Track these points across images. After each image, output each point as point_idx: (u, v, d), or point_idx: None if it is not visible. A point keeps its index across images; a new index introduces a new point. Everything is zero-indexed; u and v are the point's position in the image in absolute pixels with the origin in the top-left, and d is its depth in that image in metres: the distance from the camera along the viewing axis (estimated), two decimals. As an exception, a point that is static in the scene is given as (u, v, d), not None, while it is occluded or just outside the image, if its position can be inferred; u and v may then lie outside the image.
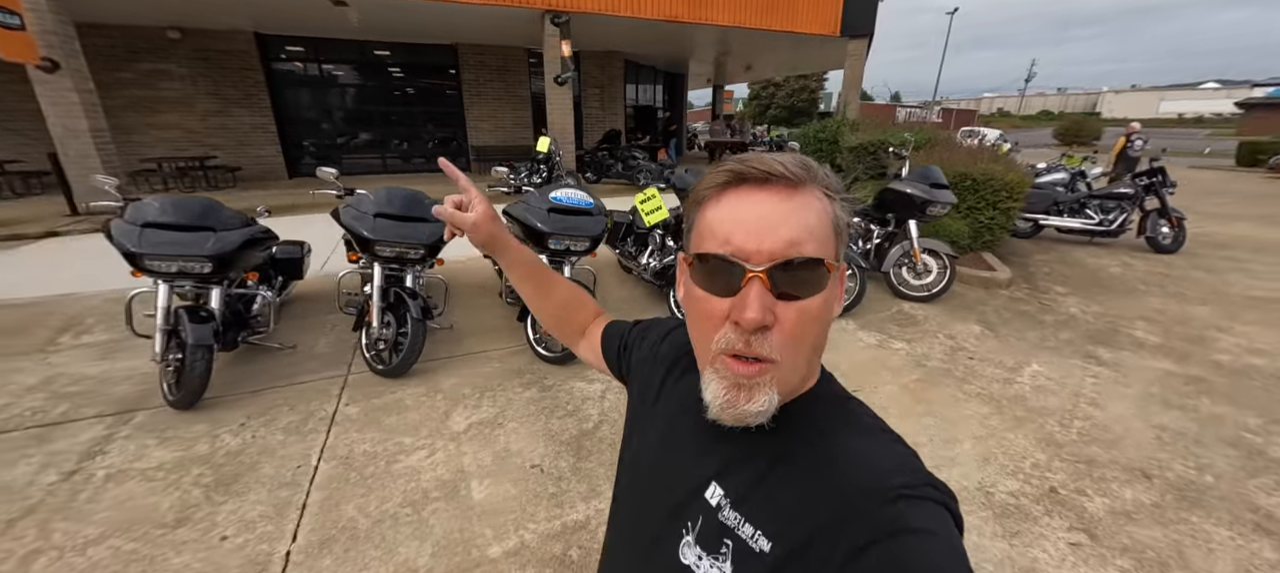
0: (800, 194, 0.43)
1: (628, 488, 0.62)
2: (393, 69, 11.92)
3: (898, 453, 0.46)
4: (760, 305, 0.41)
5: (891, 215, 4.17)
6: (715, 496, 0.49)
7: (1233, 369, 3.12)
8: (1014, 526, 1.90)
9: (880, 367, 3.09)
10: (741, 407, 0.44)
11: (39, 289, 4.27)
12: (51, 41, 6.32)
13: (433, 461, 2.22)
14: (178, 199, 2.58)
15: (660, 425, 0.60)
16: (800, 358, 0.45)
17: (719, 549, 0.46)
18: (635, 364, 0.70)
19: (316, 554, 1.76)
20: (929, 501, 0.41)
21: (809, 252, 0.42)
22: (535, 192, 3.13)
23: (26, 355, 3.16)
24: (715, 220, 0.45)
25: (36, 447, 2.30)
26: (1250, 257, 5.71)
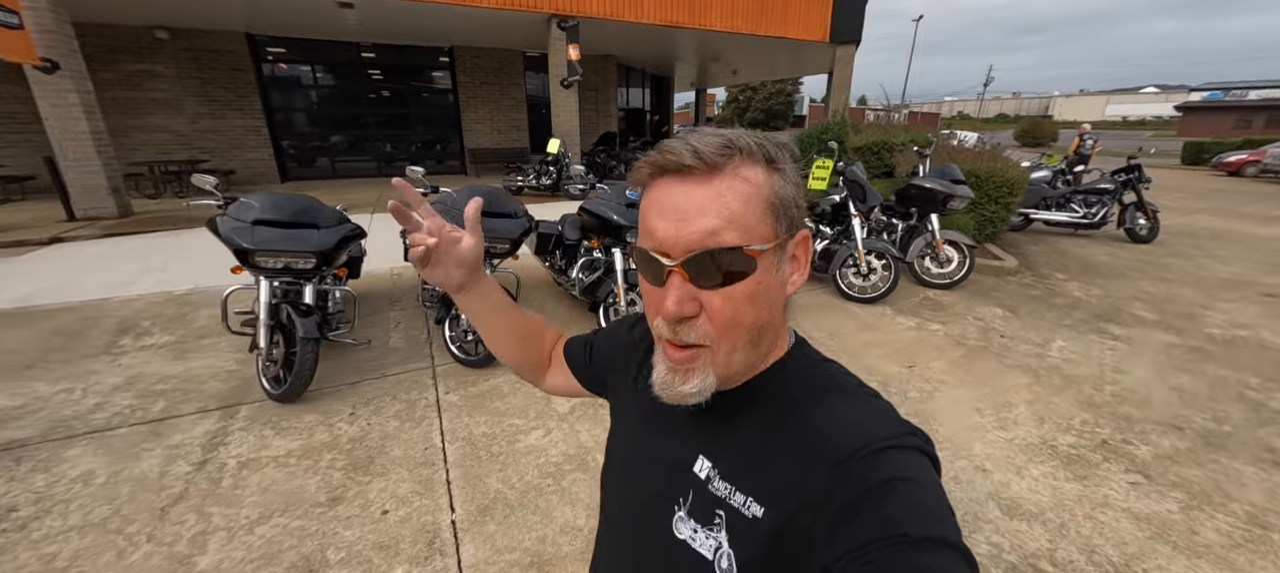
0: (721, 179, 0.42)
1: (616, 473, 0.62)
2: (388, 71, 11.79)
3: (876, 408, 0.47)
4: (677, 298, 0.42)
5: (914, 210, 4.50)
6: (703, 468, 0.50)
7: (1224, 340, 3.54)
8: (1081, 471, 2.19)
9: (925, 346, 3.39)
10: (677, 387, 0.46)
11: (70, 295, 4.19)
12: (50, 41, 6.11)
13: (551, 439, 2.37)
14: (279, 197, 2.65)
15: (644, 407, 0.59)
16: (738, 340, 0.45)
17: (712, 520, 0.47)
18: (606, 360, 0.70)
19: (479, 521, 1.90)
20: (909, 448, 0.42)
21: (728, 240, 0.41)
22: (608, 188, 3.31)
23: (94, 358, 3.14)
24: (646, 211, 0.45)
25: (154, 441, 2.34)
26: (1213, 244, 6.32)
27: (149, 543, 1.79)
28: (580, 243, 3.70)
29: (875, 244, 4.04)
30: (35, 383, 2.84)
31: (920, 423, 2.30)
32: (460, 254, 0.64)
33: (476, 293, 0.69)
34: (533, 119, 13.25)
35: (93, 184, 6.70)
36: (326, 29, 9.85)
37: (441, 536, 1.83)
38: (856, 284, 4.09)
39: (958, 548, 0.37)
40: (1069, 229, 6.70)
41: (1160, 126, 48.80)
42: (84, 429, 2.42)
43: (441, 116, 12.48)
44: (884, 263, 4.03)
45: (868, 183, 4.06)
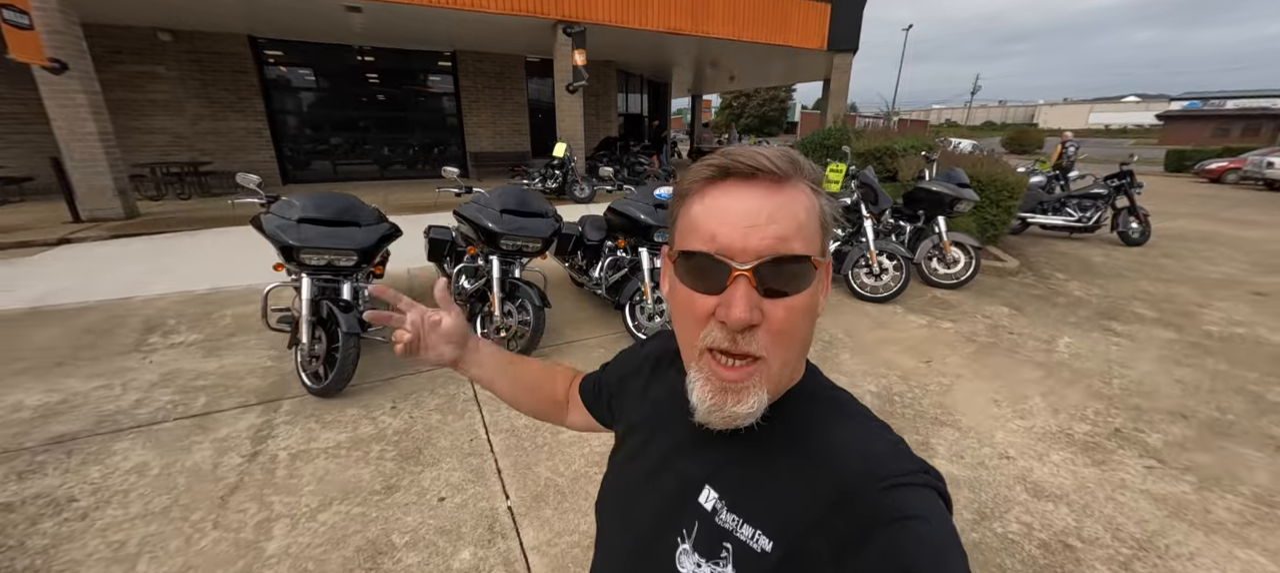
0: (787, 188, 0.42)
1: (615, 501, 0.60)
2: (391, 75, 11.83)
3: (888, 441, 0.46)
4: (747, 304, 0.41)
5: (921, 212, 4.64)
6: (710, 499, 0.48)
7: (1222, 336, 3.71)
8: (1099, 457, 2.31)
9: (938, 343, 3.51)
10: (729, 408, 0.44)
11: (90, 294, 4.20)
12: (59, 42, 6.10)
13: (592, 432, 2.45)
14: (322, 196, 2.71)
15: (647, 432, 0.58)
16: (789, 354, 0.45)
17: (719, 554, 0.45)
18: (616, 386, 0.69)
19: (535, 506, 1.97)
20: (921, 486, 0.42)
21: (796, 248, 0.41)
22: (635, 190, 3.40)
23: (125, 355, 3.17)
24: (701, 216, 0.44)
25: (201, 435, 2.39)
26: (1202, 246, 6.56)
27: (215, 529, 1.84)
28: (603, 243, 3.76)
29: (887, 245, 4.17)
30: (69, 379, 2.87)
31: (940, 415, 2.44)
32: (445, 332, 0.66)
33: (473, 362, 0.72)
34: (534, 123, 13.34)
35: (99, 185, 6.67)
36: (331, 32, 9.89)
37: (500, 520, 1.90)
38: (869, 284, 4.22)
39: None
40: (1064, 232, 6.91)
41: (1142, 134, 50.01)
42: (130, 424, 2.46)
43: (443, 120, 12.53)
44: (895, 263, 4.16)
45: (880, 186, 4.20)
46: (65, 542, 1.78)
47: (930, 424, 2.55)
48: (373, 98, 11.89)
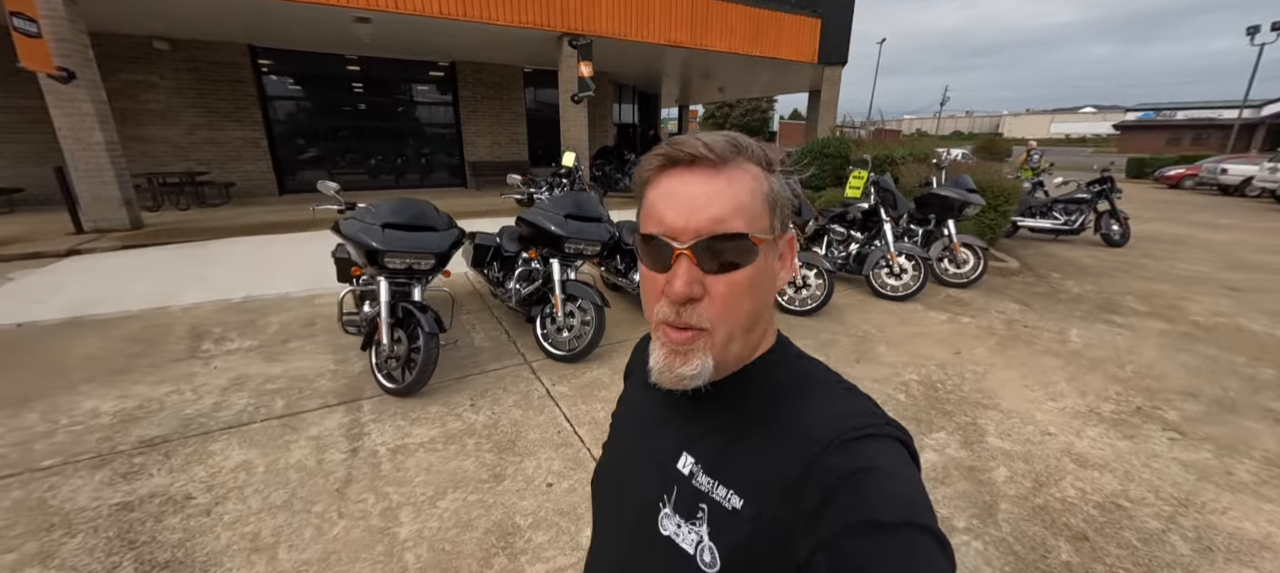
0: (726, 171, 0.46)
1: (606, 476, 0.63)
2: (390, 86, 11.80)
3: (855, 401, 0.48)
4: (685, 280, 0.44)
5: (932, 216, 4.95)
6: (686, 464, 0.51)
7: (1208, 326, 4.07)
8: (1127, 431, 2.57)
9: (963, 336, 3.78)
10: (676, 369, 0.47)
11: (122, 304, 4.18)
12: (66, 50, 6.00)
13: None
14: (399, 202, 2.81)
15: (632, 410, 0.63)
16: (734, 326, 0.47)
17: (695, 515, 0.48)
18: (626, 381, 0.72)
19: (639, 488, 2.11)
20: (885, 438, 0.43)
21: (734, 227, 0.44)
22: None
23: (184, 361, 3.19)
24: (653, 201, 0.47)
25: (292, 434, 2.45)
26: (1175, 247, 7.08)
27: (342, 519, 1.93)
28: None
29: (906, 247, 4.45)
30: (137, 386, 2.88)
31: (982, 399, 2.69)
32: None
33: None
34: (533, 133, 13.46)
35: (105, 195, 6.54)
36: (335, 43, 9.87)
37: (610, 501, 2.04)
38: (890, 283, 4.48)
39: (931, 531, 0.38)
40: (1050, 235, 7.37)
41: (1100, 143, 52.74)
42: (217, 426, 2.51)
43: (442, 130, 12.53)
44: (914, 264, 4.44)
45: (898, 192, 4.49)
46: (197, 535, 1.85)
47: (975, 408, 2.78)
48: (372, 108, 11.84)
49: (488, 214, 8.00)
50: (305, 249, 6.05)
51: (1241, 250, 6.97)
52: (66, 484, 2.09)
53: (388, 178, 12.32)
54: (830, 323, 3.96)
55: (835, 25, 11.82)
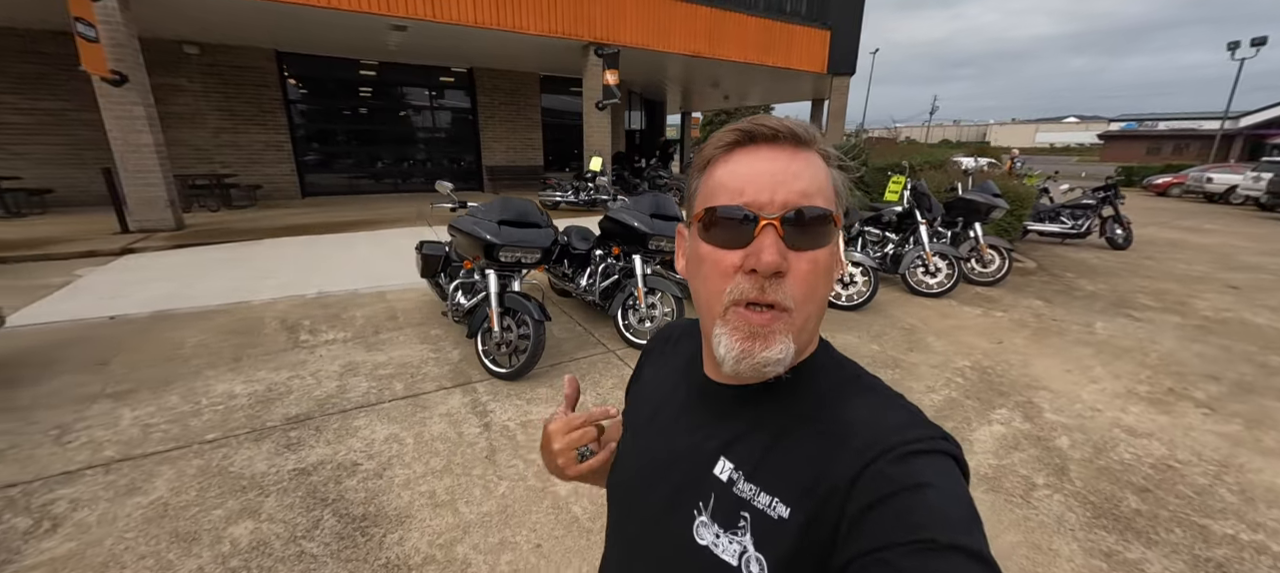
0: (806, 153, 0.45)
1: (628, 479, 0.59)
2: (411, 90, 12.02)
3: (905, 410, 0.46)
4: (777, 250, 0.42)
5: (960, 219, 5.30)
6: (725, 470, 0.48)
7: (1216, 320, 4.45)
8: (1164, 408, 2.90)
9: (999, 328, 4.11)
10: (759, 354, 0.44)
11: (201, 300, 4.37)
12: (121, 54, 6.16)
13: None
14: (506, 200, 3.07)
15: (650, 407, 0.60)
16: (812, 309, 0.46)
17: (737, 524, 0.46)
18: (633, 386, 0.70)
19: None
20: (937, 452, 0.42)
21: (820, 203, 0.44)
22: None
23: (290, 351, 3.40)
24: (726, 176, 0.46)
25: (423, 412, 2.69)
26: (1172, 250, 7.53)
27: (503, 481, 2.18)
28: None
29: (940, 247, 4.78)
30: (257, 372, 3.10)
31: (1030, 382, 3.04)
32: None
33: None
34: (547, 138, 13.73)
35: (151, 197, 6.68)
36: (362, 49, 10.08)
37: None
38: (926, 282, 4.81)
39: (981, 557, 0.36)
40: (1057, 238, 7.78)
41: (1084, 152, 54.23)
42: (351, 405, 2.73)
43: (461, 135, 12.76)
44: (948, 263, 4.77)
45: (933, 196, 4.82)
46: (380, 495, 2.08)
47: (1026, 389, 3.09)
48: (392, 113, 12.05)
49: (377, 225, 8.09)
50: (354, 250, 6.25)
51: (1235, 252, 7.44)
52: (237, 454, 2.31)
53: (413, 181, 12.51)
54: (877, 318, 4.27)
55: (844, 37, 12.27)
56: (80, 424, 2.52)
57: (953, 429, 2.63)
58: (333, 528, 1.90)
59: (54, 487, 2.08)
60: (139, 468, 2.20)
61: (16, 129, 8.74)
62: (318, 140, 11.39)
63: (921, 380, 3.18)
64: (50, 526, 1.88)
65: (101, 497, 2.03)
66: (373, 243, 6.64)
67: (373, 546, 1.82)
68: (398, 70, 11.60)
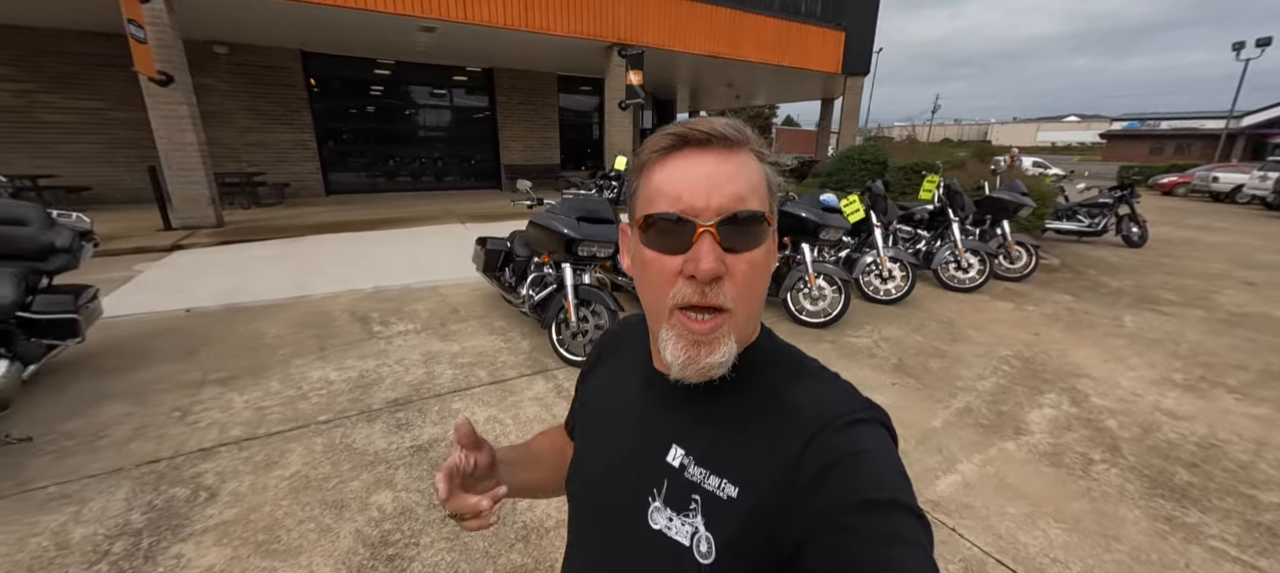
0: (739, 154, 0.46)
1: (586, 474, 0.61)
2: (432, 89, 12.18)
3: (841, 387, 0.50)
4: (714, 256, 0.44)
5: (988, 217, 5.49)
6: (677, 457, 0.50)
7: (1238, 314, 4.65)
8: (1199, 394, 3.09)
9: (1033, 322, 4.30)
10: (703, 360, 0.46)
11: (265, 293, 4.55)
12: (167, 55, 6.33)
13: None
14: (579, 198, 3.26)
15: (611, 406, 0.61)
16: (751, 307, 0.48)
17: (688, 506, 0.48)
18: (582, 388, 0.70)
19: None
20: (871, 422, 0.46)
21: (753, 205, 0.45)
22: (801, 197, 4.06)
23: (367, 342, 3.58)
24: (663, 181, 0.47)
25: (513, 396, 2.88)
26: (1186, 248, 7.73)
27: (604, 455, 2.36)
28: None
29: (972, 244, 4.97)
30: (345, 360, 3.28)
31: (1072, 370, 3.28)
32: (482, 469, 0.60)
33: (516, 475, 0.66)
34: (565, 137, 13.90)
35: (194, 194, 6.85)
36: (389, 49, 10.23)
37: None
38: (958, 277, 5.00)
39: (913, 510, 0.41)
40: (1074, 236, 7.98)
41: (1086, 152, 54.48)
42: (444, 390, 2.92)
43: (480, 134, 12.92)
44: (980, 259, 4.96)
45: (965, 194, 5.01)
46: (495, 467, 2.27)
47: (1069, 377, 3.29)
48: (413, 112, 12.21)
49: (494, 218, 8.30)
50: (396, 247, 6.43)
51: (1249, 251, 7.64)
52: (355, 433, 2.50)
53: (427, 179, 12.68)
54: (915, 311, 4.46)
55: (858, 37, 12.45)
56: (197, 407, 2.71)
57: (1007, 412, 2.83)
58: (463, 497, 2.08)
59: (196, 462, 2.26)
60: (268, 445, 2.39)
61: (53, 128, 8.90)
62: (341, 139, 11.55)
63: (970, 369, 3.37)
64: (207, 496, 2.06)
65: (243, 470, 2.21)
66: (412, 240, 6.82)
67: (507, 513, 2.01)
68: (419, 70, 11.75)
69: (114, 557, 1.75)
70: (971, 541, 1.90)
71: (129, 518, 1.92)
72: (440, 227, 7.76)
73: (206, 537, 1.85)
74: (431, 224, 7.94)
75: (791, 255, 4.10)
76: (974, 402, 2.94)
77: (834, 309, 3.94)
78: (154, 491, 2.07)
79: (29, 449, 2.31)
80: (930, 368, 3.37)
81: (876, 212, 4.58)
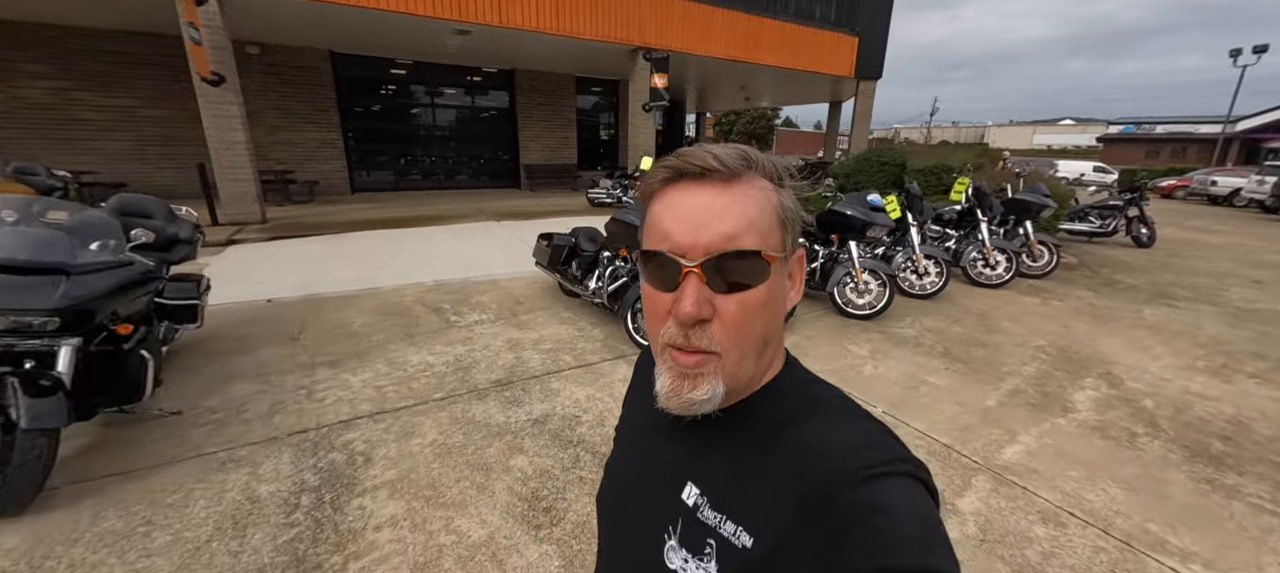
0: (738, 186, 0.44)
1: (611, 497, 0.62)
2: (454, 90, 12.41)
3: (866, 431, 0.46)
4: (694, 301, 0.42)
5: (1011, 218, 5.79)
6: (691, 496, 0.49)
7: (1248, 309, 4.96)
8: (1223, 379, 3.39)
9: (1061, 315, 4.59)
10: (685, 395, 0.45)
11: (335, 286, 4.79)
12: (220, 56, 6.55)
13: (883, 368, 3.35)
14: (656, 199, 3.51)
15: (637, 431, 0.61)
16: (746, 348, 0.46)
17: (703, 550, 0.46)
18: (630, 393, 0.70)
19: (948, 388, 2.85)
20: (898, 475, 0.42)
21: (746, 244, 0.43)
22: (847, 197, 4.34)
23: (448, 330, 3.83)
24: (657, 216, 0.46)
25: (603, 378, 3.13)
26: (1191, 249, 8.08)
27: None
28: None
29: (1000, 243, 5.27)
30: (435, 346, 3.53)
31: (1104, 357, 3.61)
32: None
33: None
34: (582, 138, 14.17)
35: (241, 191, 7.07)
36: (421, 51, 10.46)
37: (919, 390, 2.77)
38: (985, 274, 5.30)
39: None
40: (1086, 237, 8.31)
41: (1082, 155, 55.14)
42: (539, 371, 3.18)
43: (500, 134, 13.17)
44: (1006, 257, 5.26)
45: (992, 196, 5.31)
46: (611, 439, 2.53)
47: (1102, 363, 3.58)
48: (436, 112, 12.44)
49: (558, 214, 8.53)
50: (439, 242, 6.68)
51: (1252, 252, 7.99)
52: (472, 408, 2.75)
53: (449, 177, 12.91)
54: (950, 306, 4.75)
55: (871, 42, 12.77)
56: (319, 387, 2.95)
57: (1052, 393, 3.11)
58: (590, 463, 2.34)
59: (340, 433, 2.52)
60: (398, 419, 2.64)
61: (86, 125, 9.10)
62: (365, 138, 11.76)
63: (1011, 356, 3.65)
64: (363, 460, 2.31)
65: (386, 439, 2.47)
66: (452, 236, 7.06)
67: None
68: (441, 71, 11.98)
69: (305, 508, 2.00)
70: (1044, 496, 2.18)
71: (303, 478, 2.18)
72: (474, 224, 8.00)
73: (379, 492, 2.10)
74: (464, 221, 8.17)
75: (837, 252, 4.38)
76: (1021, 384, 3.23)
77: (878, 303, 4.22)
78: (314, 455, 2.33)
79: (185, 422, 2.55)
80: (975, 355, 3.66)
81: (912, 212, 4.86)
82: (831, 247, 4.42)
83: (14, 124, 8.63)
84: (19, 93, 8.58)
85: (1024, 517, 2.07)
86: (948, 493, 2.19)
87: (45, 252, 2.03)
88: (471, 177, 13.11)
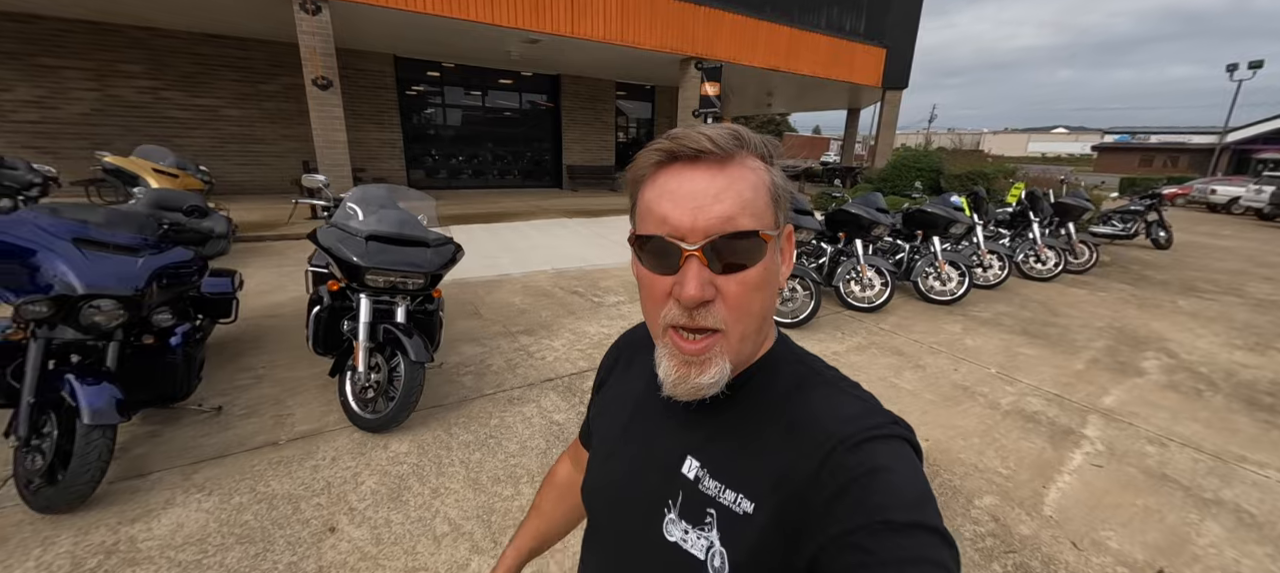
0: (732, 167, 0.45)
1: (601, 481, 0.62)
2: (503, 94, 13.01)
3: (860, 399, 0.49)
4: (699, 283, 0.43)
5: (1055, 219, 6.50)
6: (692, 469, 0.50)
7: (1269, 301, 5.68)
8: (1260, 353, 4.07)
9: (1109, 304, 5.28)
10: (693, 380, 0.46)
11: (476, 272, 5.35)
12: (328, 63, 7.11)
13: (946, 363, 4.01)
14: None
15: (625, 414, 0.61)
16: (747, 326, 0.47)
17: (703, 520, 0.48)
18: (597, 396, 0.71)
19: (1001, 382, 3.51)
20: (891, 438, 0.44)
21: (743, 224, 0.43)
22: (856, 198, 5.00)
23: (599, 309, 4.44)
24: (652, 199, 0.46)
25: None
26: (1201, 251, 8.83)
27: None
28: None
29: (1051, 241, 5.97)
30: (598, 322, 4.14)
31: (1157, 336, 4.45)
32: None
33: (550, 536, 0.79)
34: (617, 141, 14.81)
35: (343, 187, 7.62)
36: (483, 57, 11.06)
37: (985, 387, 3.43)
38: (1037, 269, 6.00)
39: (938, 531, 0.39)
40: (1108, 239, 9.05)
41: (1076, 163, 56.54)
42: (701, 341, 3.80)
43: (545, 136, 13.79)
44: (1056, 254, 5.96)
45: (1043, 199, 6.01)
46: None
47: (1157, 340, 4.25)
48: (489, 114, 13.05)
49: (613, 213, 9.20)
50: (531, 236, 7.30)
51: (1260, 253, 8.77)
52: (667, 366, 3.37)
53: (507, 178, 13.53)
54: (1012, 295, 5.43)
55: (898, 54, 13.51)
56: (534, 348, 3.56)
57: (1124, 362, 3.78)
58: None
59: (578, 381, 3.13)
60: (615, 372, 3.25)
61: (173, 122, 9.61)
62: (421, 139, 12.33)
63: (1079, 335, 4.32)
64: (611, 399, 2.93)
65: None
66: (539, 231, 7.67)
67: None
68: (492, 75, 12.58)
69: (597, 429, 2.62)
70: (1146, 428, 2.85)
71: (579, 411, 2.79)
72: (545, 221, 8.61)
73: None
74: (530, 219, 8.78)
75: (844, 249, 4.85)
76: (1096, 355, 3.89)
77: (959, 291, 4.88)
78: (570, 396, 2.94)
79: (450, 373, 3.15)
80: (1050, 333, 4.33)
81: (978, 213, 5.54)
82: (839, 242, 4.91)
83: (109, 120, 9.12)
84: (114, 91, 9.08)
85: (1135, 441, 2.73)
86: (1073, 427, 2.85)
87: (419, 230, 2.61)
88: (519, 177, 13.72)
